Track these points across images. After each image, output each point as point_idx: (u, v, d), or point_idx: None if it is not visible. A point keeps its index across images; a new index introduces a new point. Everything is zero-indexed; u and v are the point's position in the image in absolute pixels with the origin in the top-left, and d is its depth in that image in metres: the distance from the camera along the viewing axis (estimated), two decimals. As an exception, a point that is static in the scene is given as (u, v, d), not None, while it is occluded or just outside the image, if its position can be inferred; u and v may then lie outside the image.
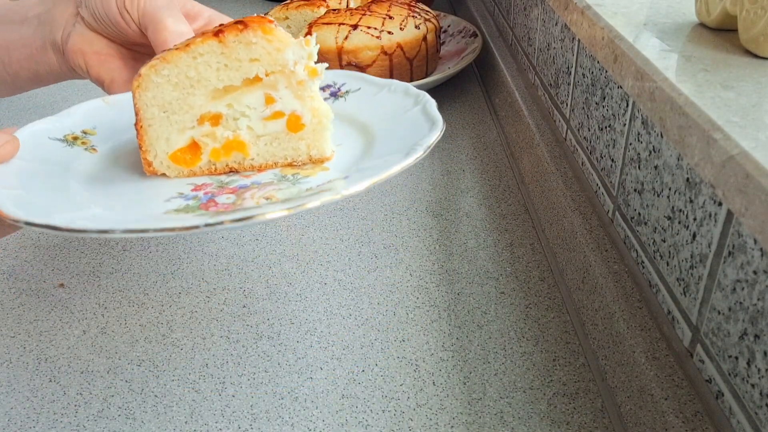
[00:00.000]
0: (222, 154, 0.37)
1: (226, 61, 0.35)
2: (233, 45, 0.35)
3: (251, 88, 0.36)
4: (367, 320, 0.46)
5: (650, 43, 0.37)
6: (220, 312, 0.47)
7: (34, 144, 0.38)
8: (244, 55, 0.35)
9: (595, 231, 0.45)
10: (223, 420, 0.38)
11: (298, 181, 0.36)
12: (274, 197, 0.34)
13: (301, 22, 0.85)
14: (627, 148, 0.42)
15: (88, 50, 0.51)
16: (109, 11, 0.49)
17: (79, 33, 0.51)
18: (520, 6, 0.75)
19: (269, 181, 0.36)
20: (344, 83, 0.46)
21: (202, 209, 0.33)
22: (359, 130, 0.41)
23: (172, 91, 0.35)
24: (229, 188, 0.36)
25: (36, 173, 0.36)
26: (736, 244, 0.29)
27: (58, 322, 0.46)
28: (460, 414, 0.38)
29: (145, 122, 0.36)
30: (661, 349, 0.35)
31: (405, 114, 0.40)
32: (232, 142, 0.37)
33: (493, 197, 0.60)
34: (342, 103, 0.44)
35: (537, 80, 0.67)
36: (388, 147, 0.37)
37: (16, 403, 0.40)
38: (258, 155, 0.37)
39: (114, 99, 0.44)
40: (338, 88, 0.46)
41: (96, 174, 0.38)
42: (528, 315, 0.46)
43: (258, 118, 0.36)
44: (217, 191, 0.35)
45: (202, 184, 0.36)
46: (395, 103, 0.42)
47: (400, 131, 0.38)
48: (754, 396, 0.28)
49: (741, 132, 0.27)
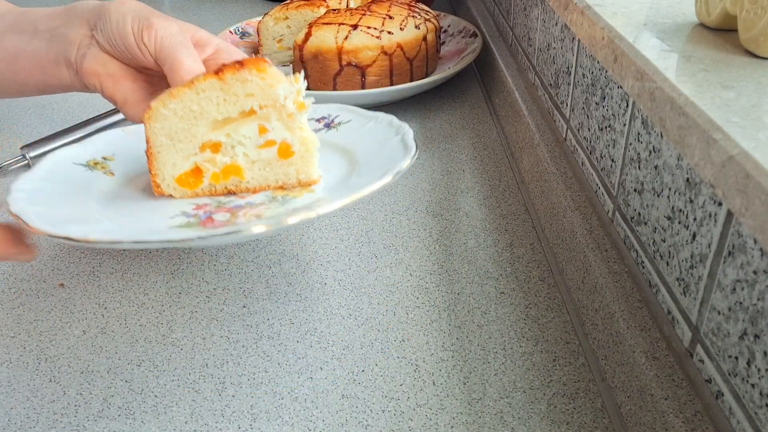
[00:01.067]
0: (221, 177, 0.42)
1: (225, 96, 0.40)
2: (231, 82, 0.39)
3: (247, 119, 0.41)
4: (367, 320, 0.46)
5: (650, 43, 0.37)
6: (220, 312, 0.47)
7: (59, 169, 0.44)
8: (241, 91, 0.40)
9: (595, 231, 0.45)
10: (223, 420, 0.38)
11: (287, 201, 0.41)
12: (263, 215, 0.39)
13: (301, 22, 0.85)
14: (627, 148, 0.42)
15: (103, 72, 0.55)
16: (127, 43, 0.52)
17: (93, 55, 0.54)
18: (520, 6, 0.75)
19: (261, 201, 0.41)
20: (337, 115, 0.51)
21: (200, 226, 0.38)
22: (345, 157, 0.46)
23: (178, 122, 0.40)
24: (225, 207, 0.41)
25: (60, 193, 0.41)
26: (736, 244, 0.29)
27: (58, 322, 0.46)
28: (460, 414, 0.38)
29: (154, 149, 0.41)
30: (661, 349, 0.35)
31: (386, 143, 0.45)
32: (230, 167, 0.42)
33: (493, 197, 0.60)
34: (334, 133, 0.50)
35: (537, 80, 0.67)
36: (366, 171, 0.42)
37: (16, 403, 0.40)
38: (253, 179, 0.42)
39: (132, 129, 0.50)
40: (332, 120, 0.51)
41: (111, 193, 0.43)
42: (528, 315, 0.46)
43: (253, 146, 0.41)
44: (215, 210, 0.40)
45: (203, 204, 0.41)
46: (379, 133, 0.47)
47: (378, 159, 0.43)
48: (754, 396, 0.28)
49: (741, 132, 0.27)
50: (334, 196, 0.37)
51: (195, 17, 1.12)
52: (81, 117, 0.75)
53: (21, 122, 0.77)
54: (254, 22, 0.95)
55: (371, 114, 0.50)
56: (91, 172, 0.45)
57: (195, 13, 1.15)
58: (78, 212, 0.39)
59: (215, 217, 0.39)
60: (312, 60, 0.74)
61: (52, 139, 0.67)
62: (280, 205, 0.40)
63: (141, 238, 0.32)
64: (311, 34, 0.74)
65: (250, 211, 0.40)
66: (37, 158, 0.66)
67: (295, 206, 0.40)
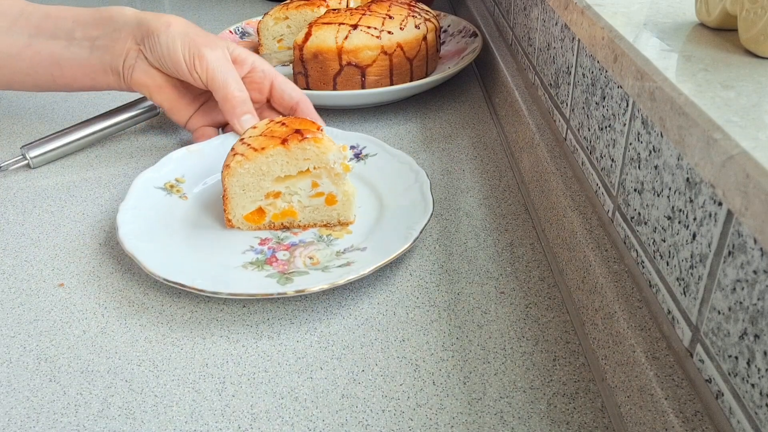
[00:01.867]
0: (279, 217, 0.53)
1: (288, 159, 0.51)
2: (295, 150, 0.50)
3: (303, 176, 0.51)
4: (367, 320, 0.46)
5: (650, 43, 0.37)
6: (220, 312, 0.47)
7: (145, 194, 0.55)
8: (301, 156, 0.50)
9: (595, 231, 0.45)
10: (223, 420, 0.38)
11: (331, 242, 0.52)
12: (315, 257, 0.50)
13: (301, 21, 0.85)
14: (627, 147, 0.42)
15: (152, 84, 0.63)
16: (179, 69, 0.60)
17: (142, 69, 0.62)
18: (520, 6, 0.75)
19: (311, 240, 0.52)
20: (365, 146, 0.62)
21: (267, 263, 0.49)
22: (374, 197, 0.57)
23: (249, 178, 0.51)
24: (283, 245, 0.52)
25: (153, 225, 0.52)
26: (736, 243, 0.29)
27: (58, 322, 0.46)
28: (460, 414, 0.38)
29: (229, 195, 0.52)
30: (661, 349, 0.36)
31: (407, 191, 0.55)
32: (287, 210, 0.53)
33: (493, 197, 0.60)
34: (363, 167, 0.60)
35: (537, 80, 0.67)
36: (390, 226, 0.52)
37: (16, 403, 0.40)
38: (303, 218, 0.53)
39: (194, 148, 0.61)
40: (360, 150, 0.62)
41: (191, 223, 0.54)
42: (528, 315, 0.46)
43: (306, 196, 0.52)
44: (276, 247, 0.51)
45: (266, 238, 0.53)
46: (401, 176, 0.57)
47: (401, 210, 0.53)
48: (754, 396, 0.28)
49: (741, 132, 0.27)
50: (368, 258, 0.48)
51: (195, 17, 1.12)
52: (81, 117, 0.75)
53: (21, 122, 0.77)
54: (254, 22, 0.95)
55: (394, 152, 0.60)
56: (170, 196, 0.56)
57: (195, 13, 1.15)
58: (176, 254, 0.49)
59: (278, 255, 0.50)
60: (312, 60, 0.74)
61: (52, 139, 0.67)
62: (326, 245, 0.51)
63: (236, 290, 0.45)
64: (311, 33, 0.74)
65: (304, 251, 0.51)
66: (37, 158, 0.66)
67: (338, 248, 0.51)
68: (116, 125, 0.70)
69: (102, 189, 0.63)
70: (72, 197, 0.61)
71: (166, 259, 0.48)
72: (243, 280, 0.47)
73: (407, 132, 0.72)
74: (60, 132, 0.68)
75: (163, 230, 0.52)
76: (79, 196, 0.62)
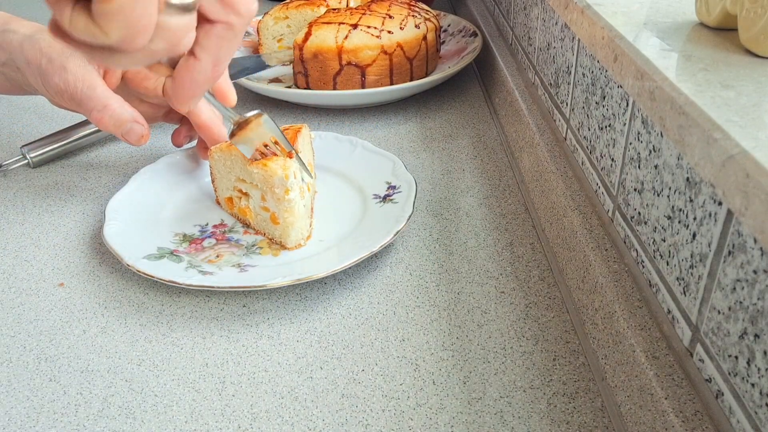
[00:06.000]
0: (240, 213, 0.56)
1: (244, 165, 0.52)
2: (251, 167, 0.52)
3: (256, 187, 0.53)
4: (367, 320, 0.46)
5: (650, 43, 0.37)
6: (220, 312, 0.47)
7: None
8: (252, 171, 0.52)
9: (595, 230, 0.45)
10: (223, 420, 0.38)
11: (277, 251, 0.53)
12: (222, 256, 0.52)
13: (301, 21, 0.85)
14: (627, 147, 0.42)
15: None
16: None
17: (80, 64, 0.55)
18: (520, 5, 0.75)
19: (253, 242, 0.55)
20: (400, 186, 0.58)
21: (191, 244, 0.53)
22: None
23: (221, 166, 0.55)
24: (224, 236, 0.55)
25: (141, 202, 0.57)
26: (736, 243, 0.29)
27: (58, 322, 0.46)
28: (460, 414, 0.38)
29: (214, 174, 0.57)
30: (661, 349, 0.36)
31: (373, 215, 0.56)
32: (243, 209, 0.55)
33: (493, 197, 0.60)
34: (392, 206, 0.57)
35: (537, 80, 0.67)
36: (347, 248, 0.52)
37: (16, 402, 0.40)
38: (255, 224, 0.55)
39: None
40: (393, 192, 0.58)
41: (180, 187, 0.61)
42: (528, 314, 0.46)
43: (257, 205, 0.54)
44: (221, 236, 0.55)
45: (224, 224, 0.57)
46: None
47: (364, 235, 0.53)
48: (753, 395, 0.28)
49: (741, 131, 0.27)
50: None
51: (195, 17, 1.12)
52: (81, 117, 0.75)
53: (21, 122, 0.77)
54: (254, 22, 0.95)
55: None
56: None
57: (195, 13, 1.15)
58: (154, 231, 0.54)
59: (204, 244, 0.54)
60: (312, 59, 0.74)
61: (52, 139, 0.67)
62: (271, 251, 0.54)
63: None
64: (311, 33, 0.74)
65: (223, 248, 0.53)
66: (37, 158, 0.66)
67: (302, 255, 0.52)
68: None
69: (102, 189, 0.63)
70: (72, 197, 0.61)
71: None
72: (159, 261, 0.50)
73: (407, 132, 0.72)
74: (60, 132, 0.68)
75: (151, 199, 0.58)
76: (79, 196, 0.62)
